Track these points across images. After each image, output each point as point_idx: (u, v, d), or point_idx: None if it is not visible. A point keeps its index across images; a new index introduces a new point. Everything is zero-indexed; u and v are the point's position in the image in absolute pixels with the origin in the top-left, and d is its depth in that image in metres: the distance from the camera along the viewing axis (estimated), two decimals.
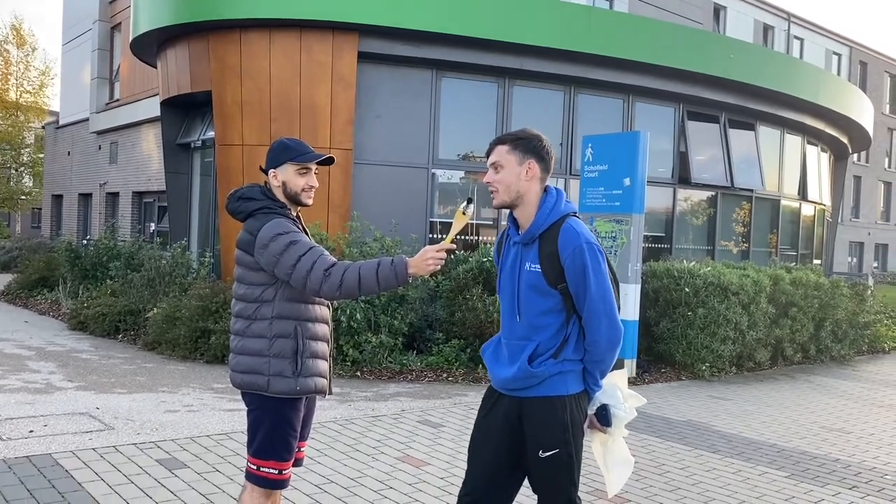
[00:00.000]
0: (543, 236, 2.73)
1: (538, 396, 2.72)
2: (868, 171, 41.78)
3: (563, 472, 2.70)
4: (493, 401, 2.86)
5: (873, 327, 11.60)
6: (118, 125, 19.40)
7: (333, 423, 6.03)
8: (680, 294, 8.75)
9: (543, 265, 2.70)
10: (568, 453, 2.69)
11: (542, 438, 2.70)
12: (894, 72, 43.95)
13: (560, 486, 2.71)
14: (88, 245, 13.32)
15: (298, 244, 2.85)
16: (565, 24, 10.73)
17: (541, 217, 2.74)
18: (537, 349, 2.72)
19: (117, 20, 20.27)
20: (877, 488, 5.10)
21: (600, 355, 2.71)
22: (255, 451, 2.94)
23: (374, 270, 2.81)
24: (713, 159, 13.12)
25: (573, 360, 2.73)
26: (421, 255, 2.81)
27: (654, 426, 6.45)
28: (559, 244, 2.68)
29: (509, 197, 2.76)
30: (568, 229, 2.70)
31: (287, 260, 2.83)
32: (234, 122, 10.15)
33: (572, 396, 2.73)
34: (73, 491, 4.24)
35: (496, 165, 2.77)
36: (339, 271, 2.82)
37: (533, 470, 2.75)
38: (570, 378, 2.73)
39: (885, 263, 44.34)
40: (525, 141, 2.77)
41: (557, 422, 2.69)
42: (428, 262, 2.79)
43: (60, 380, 7.25)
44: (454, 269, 8.95)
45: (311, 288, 2.83)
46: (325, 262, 2.83)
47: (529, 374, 2.70)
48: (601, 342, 2.69)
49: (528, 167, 2.75)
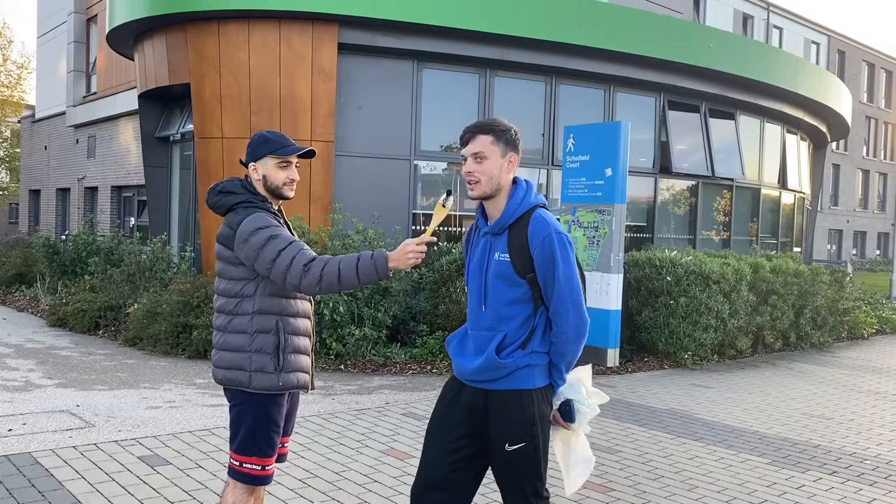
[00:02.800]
0: (513, 226, 2.72)
1: (505, 389, 2.69)
2: (846, 160, 42.25)
3: (530, 465, 2.68)
4: (454, 391, 2.83)
5: (852, 314, 11.73)
6: (96, 119, 19.15)
7: (317, 416, 6.00)
8: (662, 283, 8.80)
9: (512, 255, 2.69)
10: (534, 446, 2.67)
11: (509, 432, 2.67)
12: (872, 60, 44.41)
13: (527, 480, 2.69)
14: (67, 240, 13.19)
15: (278, 238, 2.82)
16: (546, 14, 10.71)
17: (511, 207, 2.73)
18: (504, 340, 2.70)
19: (93, 12, 19.97)
20: (857, 473, 5.16)
21: (566, 346, 2.69)
22: (237, 447, 2.92)
23: (354, 265, 2.78)
24: (694, 149, 13.19)
25: (540, 353, 2.71)
26: (401, 248, 2.78)
27: (637, 415, 6.48)
28: (529, 233, 2.67)
29: (490, 189, 2.73)
30: (538, 219, 2.69)
31: (267, 255, 2.80)
32: (213, 115, 10.05)
33: (539, 390, 2.71)
34: (53, 490, 4.20)
35: (479, 156, 2.71)
36: (318, 266, 2.79)
37: (499, 464, 2.73)
38: (537, 372, 2.71)
39: (864, 250, 44.92)
40: (507, 133, 2.74)
41: (524, 415, 2.67)
42: (409, 256, 2.76)
43: (40, 377, 7.17)
44: (437, 261, 8.94)
45: (291, 283, 2.80)
46: (304, 258, 2.80)
47: (497, 365, 2.67)
48: (568, 332, 2.67)
49: (510, 160, 2.74)
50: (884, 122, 45.88)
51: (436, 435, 2.82)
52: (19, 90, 30.57)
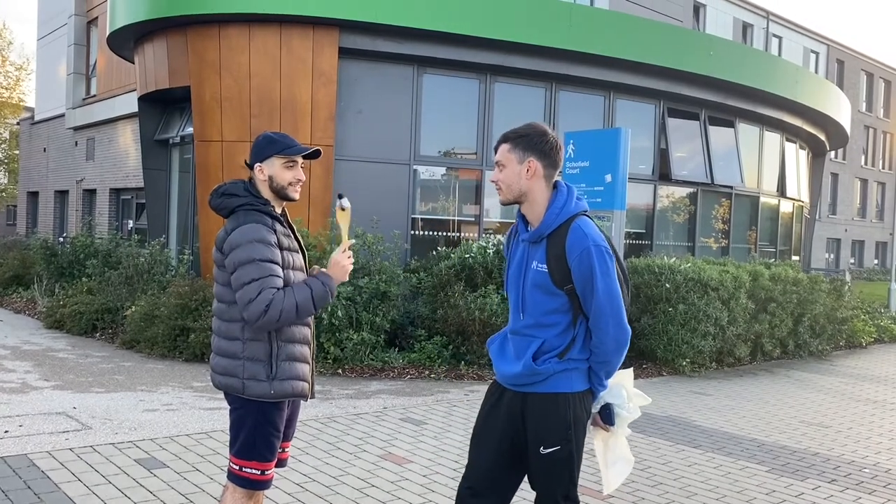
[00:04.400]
0: (551, 236, 2.70)
1: (542, 392, 2.70)
2: (845, 168, 42.31)
3: (563, 469, 2.69)
4: (497, 395, 2.85)
5: (850, 322, 11.72)
6: (95, 121, 19.14)
7: (315, 421, 5.99)
8: (661, 290, 8.79)
9: (550, 266, 2.67)
10: (569, 451, 2.68)
11: (544, 435, 2.69)
12: (871, 70, 44.52)
13: (559, 483, 2.70)
14: (65, 242, 13.15)
15: (261, 266, 2.77)
16: (547, 21, 10.72)
17: (549, 217, 2.71)
18: (542, 346, 2.70)
19: (94, 15, 19.98)
20: (855, 481, 5.15)
21: (606, 356, 2.70)
22: (237, 451, 2.89)
23: (309, 297, 2.83)
24: (693, 156, 13.21)
25: (578, 360, 2.72)
26: (334, 265, 2.96)
27: (635, 422, 6.39)
28: (567, 246, 2.65)
29: (512, 195, 2.76)
30: (576, 230, 2.66)
31: (242, 275, 2.77)
32: (213, 118, 10.04)
33: (576, 394, 2.72)
34: (49, 492, 4.17)
35: (499, 164, 2.75)
36: (276, 308, 2.75)
37: (533, 466, 2.74)
38: (575, 376, 2.72)
39: (862, 259, 44.94)
40: (526, 138, 2.71)
41: (560, 419, 2.68)
42: (345, 267, 2.96)
43: (36, 379, 7.15)
44: (436, 266, 8.93)
45: (248, 318, 2.77)
46: (265, 299, 2.74)
47: (534, 372, 2.69)
48: (608, 343, 2.67)
49: (529, 165, 2.70)
50: (882, 131, 45.97)
51: (479, 438, 2.86)
52: (18, 92, 30.59)
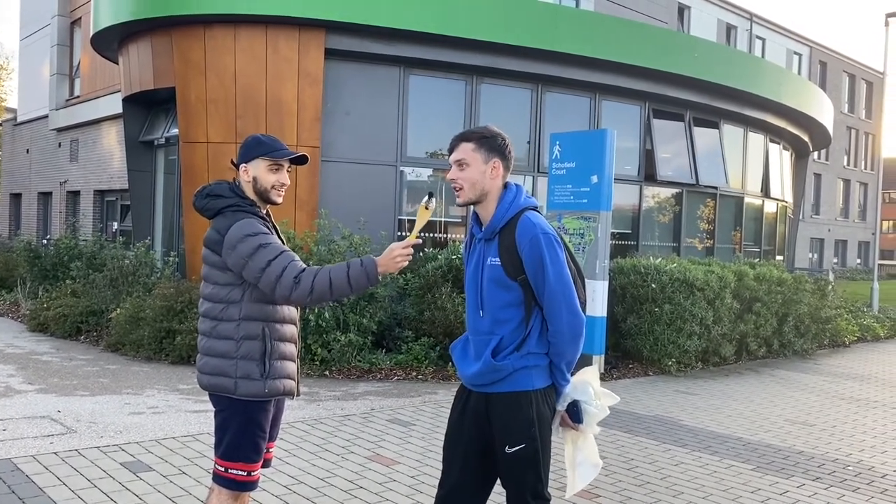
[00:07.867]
0: (503, 230, 2.76)
1: (503, 392, 2.74)
2: (828, 169, 42.68)
3: (529, 467, 2.72)
4: (463, 399, 2.89)
5: (834, 322, 11.82)
6: (79, 122, 19.00)
7: (302, 423, 5.97)
8: (646, 290, 8.84)
9: (503, 258, 2.73)
10: (534, 448, 2.71)
11: (509, 434, 2.72)
12: (852, 72, 44.93)
13: (526, 481, 2.73)
14: (49, 244, 13.04)
15: (268, 248, 2.80)
16: (533, 22, 10.75)
17: (500, 212, 2.78)
18: (500, 343, 2.74)
19: (77, 15, 19.84)
20: (839, 479, 5.20)
21: (563, 346, 2.73)
22: (222, 452, 2.89)
23: (345, 274, 2.78)
24: (678, 157, 13.28)
25: (537, 354, 2.74)
26: (388, 252, 2.82)
27: (622, 421, 6.49)
28: (517, 236, 2.71)
29: (474, 194, 2.80)
30: (525, 221, 2.73)
31: (256, 263, 2.78)
32: (199, 119, 9.99)
33: (538, 391, 2.75)
34: (34, 496, 4.14)
35: (461, 163, 2.78)
36: (308, 278, 2.77)
37: (501, 465, 2.78)
38: (536, 373, 2.75)
39: (845, 259, 45.36)
40: (491, 140, 2.80)
41: (523, 417, 2.71)
42: (396, 259, 2.81)
43: (20, 382, 7.08)
44: (423, 267, 8.93)
45: (281, 294, 2.78)
46: (294, 269, 2.78)
47: (493, 368, 2.72)
48: (563, 331, 2.70)
49: (493, 165, 2.79)
50: (864, 132, 46.40)
51: (449, 443, 2.90)
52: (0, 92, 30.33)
